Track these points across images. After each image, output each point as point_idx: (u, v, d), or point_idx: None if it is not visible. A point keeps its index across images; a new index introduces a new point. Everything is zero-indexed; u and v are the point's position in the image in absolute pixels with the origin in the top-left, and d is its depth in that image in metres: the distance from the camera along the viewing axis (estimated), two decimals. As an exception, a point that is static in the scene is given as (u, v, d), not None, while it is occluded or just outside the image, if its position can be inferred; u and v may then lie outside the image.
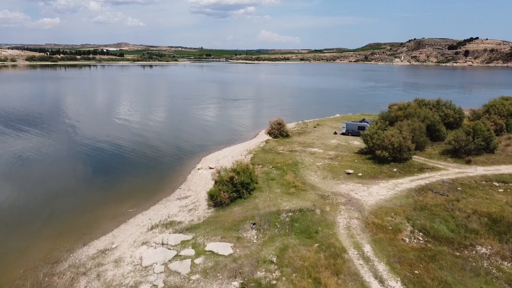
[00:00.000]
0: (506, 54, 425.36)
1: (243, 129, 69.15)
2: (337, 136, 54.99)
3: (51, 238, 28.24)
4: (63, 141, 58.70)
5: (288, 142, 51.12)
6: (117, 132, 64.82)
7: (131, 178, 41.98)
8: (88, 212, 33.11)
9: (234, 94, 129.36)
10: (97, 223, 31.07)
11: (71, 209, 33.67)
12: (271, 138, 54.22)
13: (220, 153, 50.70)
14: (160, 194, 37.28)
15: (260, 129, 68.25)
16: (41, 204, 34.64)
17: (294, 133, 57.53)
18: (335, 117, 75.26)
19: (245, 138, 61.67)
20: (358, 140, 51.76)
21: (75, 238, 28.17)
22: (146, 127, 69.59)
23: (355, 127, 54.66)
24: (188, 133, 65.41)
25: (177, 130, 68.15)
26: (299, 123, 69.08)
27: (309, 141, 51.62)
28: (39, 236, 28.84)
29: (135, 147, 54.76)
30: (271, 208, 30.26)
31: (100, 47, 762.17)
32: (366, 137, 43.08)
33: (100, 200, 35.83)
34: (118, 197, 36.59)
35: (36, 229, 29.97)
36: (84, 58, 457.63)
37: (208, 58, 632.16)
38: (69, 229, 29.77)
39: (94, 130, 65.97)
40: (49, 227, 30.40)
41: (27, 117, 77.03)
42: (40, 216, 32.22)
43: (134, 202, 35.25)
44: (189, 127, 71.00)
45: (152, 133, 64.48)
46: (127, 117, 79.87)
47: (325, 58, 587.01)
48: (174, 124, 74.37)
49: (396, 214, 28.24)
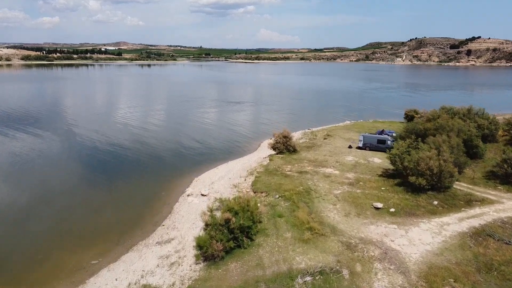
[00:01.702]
0: (509, 54, 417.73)
1: (242, 140, 61.12)
2: (353, 151, 46.98)
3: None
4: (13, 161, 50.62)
5: (296, 160, 43.06)
6: (95, 143, 56.72)
7: (102, 209, 33.92)
8: (38, 264, 25.05)
9: (233, 96, 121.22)
10: (48, 284, 23.06)
11: (16, 260, 25.64)
12: (276, 153, 46.14)
13: (216, 172, 42.64)
14: (136, 233, 29.26)
15: (262, 139, 60.30)
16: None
17: (302, 146, 49.48)
18: (345, 125, 67.22)
19: (244, 151, 53.68)
20: (379, 156, 43.79)
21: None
22: (131, 137, 61.44)
23: (374, 140, 46.64)
24: (181, 144, 57.31)
25: (168, 141, 60.02)
26: (306, 133, 61.07)
27: (321, 158, 43.58)
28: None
29: (114, 164, 46.70)
30: (280, 266, 22.24)
31: (99, 46, 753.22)
32: (394, 158, 35.07)
33: (57, 243, 27.80)
34: (82, 237, 28.56)
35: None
36: (80, 58, 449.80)
37: (207, 58, 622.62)
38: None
39: (64, 142, 57.89)
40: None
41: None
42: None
43: (102, 246, 27.22)
44: (182, 136, 62.86)
45: (138, 145, 56.32)
46: (109, 125, 71.79)
47: (325, 57, 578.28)
48: (165, 133, 66.10)
49: (456, 280, 20.25)
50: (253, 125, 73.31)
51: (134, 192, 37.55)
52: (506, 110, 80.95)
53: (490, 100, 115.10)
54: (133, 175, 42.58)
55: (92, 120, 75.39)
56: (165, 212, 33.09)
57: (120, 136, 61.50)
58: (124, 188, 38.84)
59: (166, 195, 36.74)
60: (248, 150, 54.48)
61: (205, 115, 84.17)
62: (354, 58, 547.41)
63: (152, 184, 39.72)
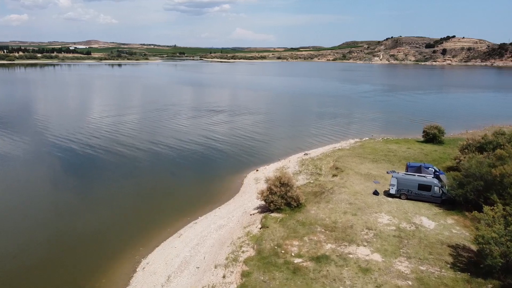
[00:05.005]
0: (484, 53, 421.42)
1: (218, 171, 44.97)
2: (382, 199, 31.94)
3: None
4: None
5: (304, 225, 27.45)
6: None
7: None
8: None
9: (211, 102, 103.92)
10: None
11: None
12: (270, 210, 30.33)
13: (171, 253, 26.37)
14: None
15: (246, 170, 45.11)
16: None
17: (306, 192, 33.91)
18: (351, 147, 52.29)
19: (220, 196, 37.64)
20: (427, 212, 29.05)
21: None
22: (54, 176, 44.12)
23: (413, 185, 31.62)
24: (123, 202, 40.07)
25: (106, 203, 43.07)
26: (305, 162, 45.74)
27: (341, 219, 28.17)
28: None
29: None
30: None
31: (68, 45, 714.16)
32: (488, 246, 19.99)
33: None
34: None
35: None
36: (45, 57, 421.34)
37: (181, 57, 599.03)
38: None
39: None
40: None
41: None
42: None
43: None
44: (129, 180, 45.58)
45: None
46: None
47: (302, 56, 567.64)
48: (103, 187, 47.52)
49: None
50: (233, 145, 56.97)
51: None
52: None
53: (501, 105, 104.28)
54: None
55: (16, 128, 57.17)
56: None
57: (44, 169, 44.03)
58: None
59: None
60: (227, 193, 38.51)
61: (173, 133, 67.19)
62: (331, 57, 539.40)
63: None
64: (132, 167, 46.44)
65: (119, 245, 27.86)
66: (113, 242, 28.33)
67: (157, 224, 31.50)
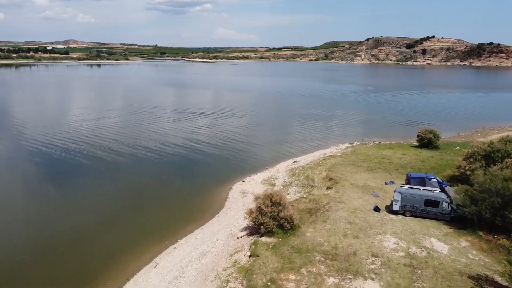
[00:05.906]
0: (463, 53, 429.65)
1: (201, 180, 41.01)
2: (384, 217, 28.55)
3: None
4: None
5: (299, 253, 23.70)
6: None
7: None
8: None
9: (194, 104, 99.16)
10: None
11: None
12: (260, 235, 26.44)
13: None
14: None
15: (232, 180, 41.35)
16: None
17: (300, 210, 30.19)
18: (343, 153, 49.00)
19: (204, 213, 33.68)
20: (437, 232, 25.82)
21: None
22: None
23: (418, 200, 28.27)
24: (87, 222, 35.75)
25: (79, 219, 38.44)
26: (295, 171, 42.13)
27: (342, 244, 24.56)
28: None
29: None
30: None
31: (46, 44, 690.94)
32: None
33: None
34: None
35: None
36: (21, 57, 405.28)
37: (162, 57, 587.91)
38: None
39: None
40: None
41: None
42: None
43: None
44: (97, 195, 41.15)
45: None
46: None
47: (285, 56, 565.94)
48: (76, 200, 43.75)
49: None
50: (217, 152, 52.72)
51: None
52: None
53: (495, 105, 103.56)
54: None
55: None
56: None
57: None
58: None
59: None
60: (210, 209, 34.50)
61: (153, 142, 62.52)
62: (314, 57, 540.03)
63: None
64: (105, 178, 41.76)
65: (82, 278, 23.47)
66: (74, 275, 23.91)
67: (130, 250, 27.30)
